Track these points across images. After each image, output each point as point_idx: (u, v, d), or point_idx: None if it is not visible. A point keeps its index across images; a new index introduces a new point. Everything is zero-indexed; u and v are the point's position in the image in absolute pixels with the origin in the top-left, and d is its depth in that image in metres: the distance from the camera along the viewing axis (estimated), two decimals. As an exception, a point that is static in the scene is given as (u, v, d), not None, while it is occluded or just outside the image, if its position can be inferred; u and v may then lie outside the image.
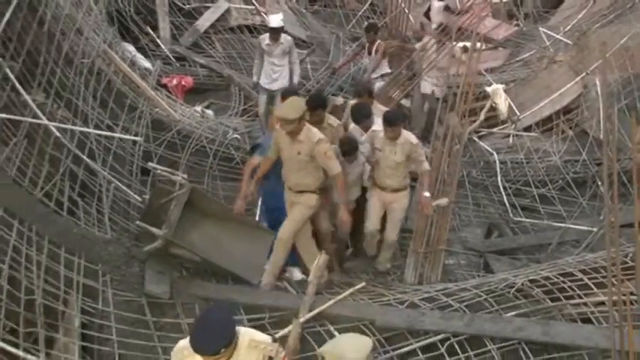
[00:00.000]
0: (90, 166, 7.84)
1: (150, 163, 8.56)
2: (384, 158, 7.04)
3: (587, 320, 5.78)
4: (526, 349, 5.60)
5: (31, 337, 5.65)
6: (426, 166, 7.13)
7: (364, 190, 7.45)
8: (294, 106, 6.42)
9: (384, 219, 7.43)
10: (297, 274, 7.22)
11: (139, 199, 8.03)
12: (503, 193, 9.84)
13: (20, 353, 5.34)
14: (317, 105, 7.02)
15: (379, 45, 11.03)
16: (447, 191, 7.65)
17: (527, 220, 9.39)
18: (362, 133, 7.38)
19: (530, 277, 6.39)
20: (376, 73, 11.13)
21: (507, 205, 9.65)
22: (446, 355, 5.69)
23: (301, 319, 6.06)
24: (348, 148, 6.96)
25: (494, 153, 10.62)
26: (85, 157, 7.79)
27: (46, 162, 7.30)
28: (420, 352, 5.75)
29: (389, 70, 11.22)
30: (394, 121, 6.91)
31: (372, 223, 7.36)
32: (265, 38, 9.77)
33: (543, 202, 9.77)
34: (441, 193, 7.76)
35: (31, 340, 5.61)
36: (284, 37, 9.81)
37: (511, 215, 9.47)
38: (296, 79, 10.11)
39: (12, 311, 5.69)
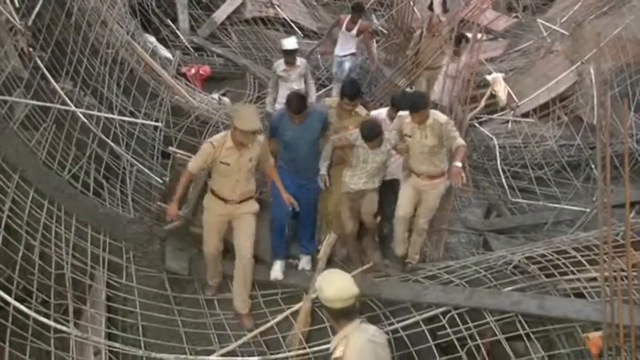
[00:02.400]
0: (114, 150, 7.87)
1: (170, 148, 8.60)
2: (415, 144, 6.26)
3: (579, 295, 5.75)
4: (522, 321, 5.59)
5: (61, 308, 5.70)
6: (461, 141, 6.17)
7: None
8: (256, 116, 5.78)
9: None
10: (305, 262, 6.76)
11: (160, 181, 8.05)
12: (502, 175, 9.79)
13: (51, 323, 5.39)
14: (354, 94, 6.50)
15: (361, 25, 10.48)
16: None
17: (525, 201, 9.34)
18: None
19: (527, 255, 6.35)
20: (344, 51, 10.58)
21: (506, 186, 9.60)
22: (447, 327, 5.69)
23: (312, 295, 6.07)
24: (368, 133, 6.09)
25: (494, 138, 10.55)
26: (109, 142, 7.82)
27: (73, 146, 7.34)
28: (422, 324, 5.76)
29: (354, 51, 10.63)
30: (418, 105, 6.11)
31: (403, 209, 6.54)
32: (280, 64, 8.83)
33: (540, 184, 9.71)
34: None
35: (61, 311, 5.66)
36: (299, 60, 9.00)
37: (509, 196, 9.43)
38: (313, 99, 9.12)
39: (43, 284, 5.75)
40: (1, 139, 6.53)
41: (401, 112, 6.45)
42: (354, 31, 10.49)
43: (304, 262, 6.74)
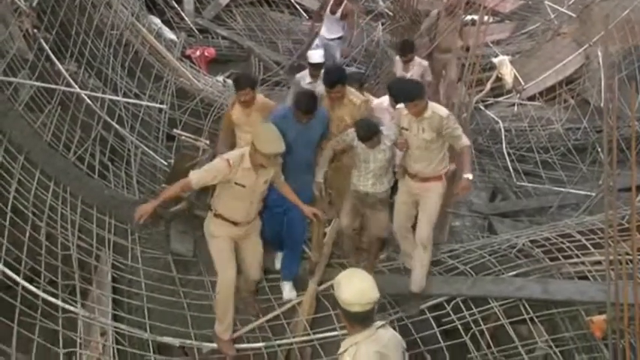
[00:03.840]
0: (119, 132, 7.89)
1: (175, 130, 8.63)
2: (412, 138, 5.62)
3: (584, 278, 5.79)
4: (526, 305, 5.61)
5: (67, 288, 5.75)
6: (465, 141, 5.54)
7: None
8: (279, 137, 5.09)
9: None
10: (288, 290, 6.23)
11: (165, 163, 8.07)
12: (507, 159, 9.79)
13: (59, 303, 5.43)
14: (334, 81, 5.93)
15: (346, 6, 10.13)
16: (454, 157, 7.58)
17: (530, 184, 9.36)
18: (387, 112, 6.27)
19: (531, 238, 6.38)
20: (331, 34, 10.20)
21: (511, 170, 9.61)
22: (451, 313, 5.71)
23: (315, 281, 6.06)
24: (364, 134, 5.58)
25: (500, 121, 10.55)
26: (114, 124, 7.83)
27: (78, 128, 7.35)
28: (427, 312, 5.78)
29: (341, 34, 10.32)
30: (412, 95, 5.47)
31: (398, 223, 5.92)
32: (305, 77, 8.13)
33: (545, 168, 9.72)
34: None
35: (67, 291, 5.71)
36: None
37: (514, 180, 9.44)
38: None
39: (50, 265, 5.79)
40: (7, 121, 6.55)
41: (399, 105, 5.82)
42: (338, 14, 10.19)
43: (287, 291, 6.20)
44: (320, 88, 7.54)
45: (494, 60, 11.36)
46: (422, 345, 5.61)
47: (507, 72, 11.28)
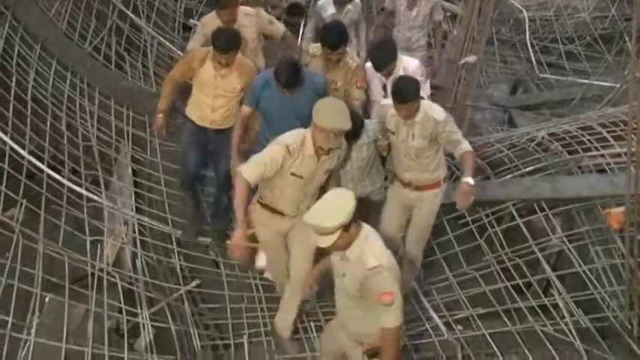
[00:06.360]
0: (135, 22, 7.78)
1: (191, 20, 8.48)
2: (399, 144, 4.71)
3: (602, 171, 5.75)
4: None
5: (89, 178, 5.86)
6: (466, 146, 4.56)
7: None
8: (344, 112, 4.17)
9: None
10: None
11: (181, 54, 7.98)
12: (530, 50, 9.58)
13: (83, 192, 5.54)
14: (338, 43, 5.17)
15: None
16: (475, 49, 7.43)
17: (553, 76, 9.19)
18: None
19: (551, 131, 6.32)
20: None
21: (534, 62, 9.41)
22: (467, 215, 5.65)
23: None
24: (352, 131, 4.36)
25: (524, 10, 10.23)
26: (129, 13, 7.72)
27: (93, 17, 7.26)
28: (442, 215, 5.61)
29: None
30: (405, 96, 4.47)
31: (387, 225, 5.03)
32: (327, 6, 6.68)
33: (570, 59, 9.53)
34: (469, 50, 7.55)
35: (89, 181, 5.82)
36: (353, 3, 6.71)
37: (537, 72, 9.27)
38: (362, 49, 6.90)
39: (71, 154, 5.88)
40: (21, 8, 6.48)
41: (384, 101, 4.95)
42: None
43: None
44: (346, 20, 6.45)
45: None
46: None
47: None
